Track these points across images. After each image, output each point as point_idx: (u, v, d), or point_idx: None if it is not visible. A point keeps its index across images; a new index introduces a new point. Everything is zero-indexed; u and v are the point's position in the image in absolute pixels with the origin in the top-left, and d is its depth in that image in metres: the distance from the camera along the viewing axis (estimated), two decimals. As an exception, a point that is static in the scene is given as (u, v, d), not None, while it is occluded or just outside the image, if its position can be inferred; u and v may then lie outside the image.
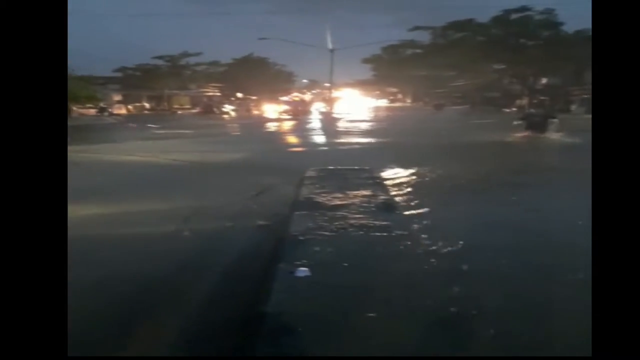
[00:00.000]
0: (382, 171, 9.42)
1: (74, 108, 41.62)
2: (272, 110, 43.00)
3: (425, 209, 6.37)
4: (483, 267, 4.02)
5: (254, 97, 58.38)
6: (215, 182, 9.63)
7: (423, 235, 4.90)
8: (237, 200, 7.32)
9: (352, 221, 5.19)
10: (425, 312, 3.07)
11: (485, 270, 3.97)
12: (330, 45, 47.55)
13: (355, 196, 6.51)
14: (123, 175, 10.87)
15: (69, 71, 36.89)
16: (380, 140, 18.42)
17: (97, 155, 14.06)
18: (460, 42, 44.78)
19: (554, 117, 18.35)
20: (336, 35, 74.57)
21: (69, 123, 19.79)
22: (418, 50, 52.60)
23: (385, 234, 4.74)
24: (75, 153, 12.64)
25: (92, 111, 44.42)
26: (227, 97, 59.87)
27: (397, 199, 6.97)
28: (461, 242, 4.66)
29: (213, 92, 63.04)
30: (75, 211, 6.05)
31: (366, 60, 62.50)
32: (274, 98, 51.38)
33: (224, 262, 4.64)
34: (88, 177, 9.95)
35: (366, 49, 62.45)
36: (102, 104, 46.24)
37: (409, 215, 5.94)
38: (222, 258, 4.76)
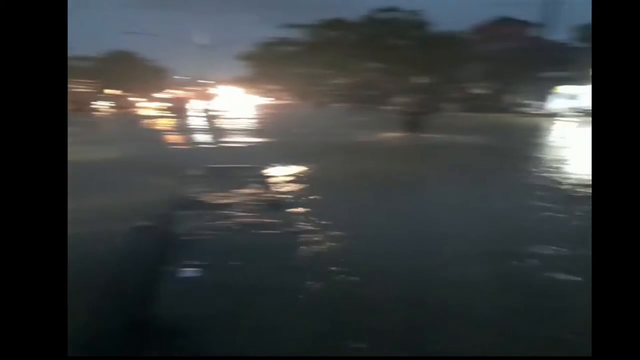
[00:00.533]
0: (263, 169, 9.23)
1: None
2: (146, 107, 42.12)
3: (309, 208, 6.30)
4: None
5: (126, 94, 55.54)
6: (96, 180, 8.98)
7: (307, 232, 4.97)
8: (120, 201, 6.93)
9: (238, 220, 5.22)
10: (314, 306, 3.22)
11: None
12: (199, 41, 46.57)
13: (241, 194, 6.52)
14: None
15: None
16: (261, 139, 17.83)
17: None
18: (333, 41, 44.88)
19: (427, 115, 18.81)
20: (206, 32, 71.88)
21: None
22: (292, 48, 51.83)
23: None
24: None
25: None
26: (97, 94, 55.67)
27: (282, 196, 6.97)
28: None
29: (83, 88, 58.11)
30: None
31: (239, 57, 60.30)
32: (147, 95, 49.91)
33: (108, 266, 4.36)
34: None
35: (240, 46, 60.84)
36: None
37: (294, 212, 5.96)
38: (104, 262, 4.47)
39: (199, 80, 65.69)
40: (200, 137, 19.18)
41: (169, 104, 42.45)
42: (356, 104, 43.63)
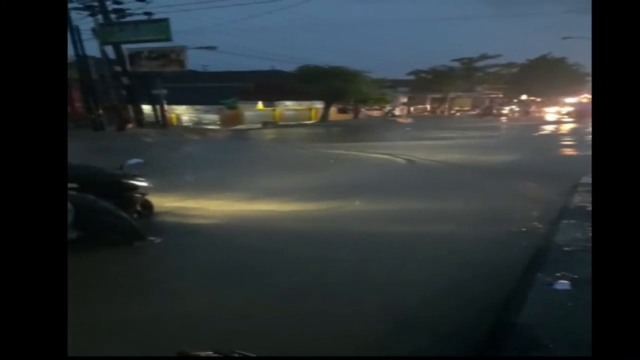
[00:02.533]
0: None
1: (362, 109, 45.69)
2: (554, 112, 41.60)
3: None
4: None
5: (538, 99, 57.00)
6: (484, 185, 9.74)
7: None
8: (497, 205, 7.36)
9: None
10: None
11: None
12: None
13: None
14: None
15: (367, 75, 40.84)
16: None
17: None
18: None
19: None
20: None
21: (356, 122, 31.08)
22: None
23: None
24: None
25: (376, 112, 47.55)
26: (509, 99, 59.17)
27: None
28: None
29: (496, 94, 62.79)
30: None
31: None
32: (560, 100, 49.54)
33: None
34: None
35: None
36: (388, 106, 48.59)
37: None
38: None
39: None
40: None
41: (578, 109, 40.54)
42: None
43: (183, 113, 38.48)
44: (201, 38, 40.06)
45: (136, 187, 6.36)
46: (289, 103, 42.21)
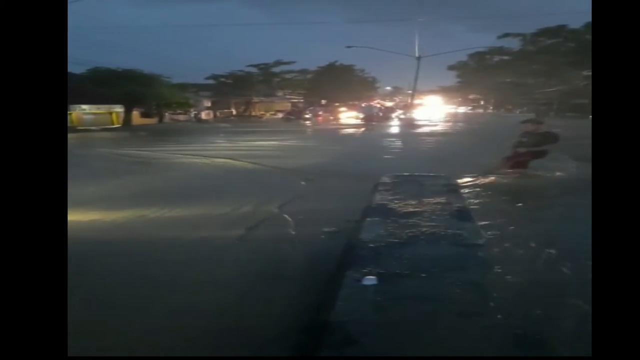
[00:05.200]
0: (458, 179, 8.82)
1: (166, 113, 45.31)
2: (351, 117, 42.92)
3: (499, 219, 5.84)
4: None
5: (336, 104, 57.98)
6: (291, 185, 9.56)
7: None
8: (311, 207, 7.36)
9: (424, 229, 5.07)
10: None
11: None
12: (417, 53, 45.67)
13: (430, 203, 6.36)
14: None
15: (166, 79, 40.98)
16: (463, 147, 17.12)
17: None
18: (550, 49, 43.98)
19: None
20: (421, 42, 73.71)
21: (159, 127, 28.85)
22: (505, 57, 52.23)
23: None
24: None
25: (182, 117, 47.49)
26: (310, 104, 60.54)
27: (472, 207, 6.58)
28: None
29: (297, 98, 64.74)
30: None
31: (452, 67, 61.61)
32: (355, 104, 51.63)
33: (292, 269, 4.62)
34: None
35: (451, 56, 61.33)
36: (192, 110, 48.65)
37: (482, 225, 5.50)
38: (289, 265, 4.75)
39: (406, 91, 66.63)
40: (399, 145, 19.08)
41: (373, 113, 42.55)
42: (564, 112, 41.70)
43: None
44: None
45: None
46: (85, 107, 39.02)
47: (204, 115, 51.66)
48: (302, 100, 65.44)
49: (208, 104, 57.39)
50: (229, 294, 4.03)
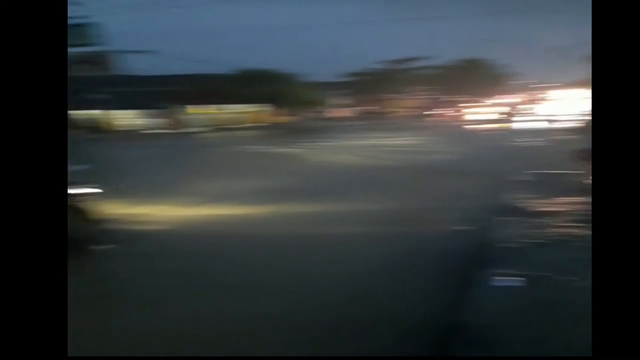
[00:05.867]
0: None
1: (302, 111, 45.63)
2: (486, 113, 41.30)
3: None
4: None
5: (470, 99, 55.26)
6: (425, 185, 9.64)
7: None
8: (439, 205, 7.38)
9: (558, 230, 4.95)
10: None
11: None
12: (557, 45, 45.61)
13: (565, 203, 6.22)
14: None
15: (304, 78, 42.07)
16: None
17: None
18: None
19: None
20: (555, 34, 72.21)
21: (294, 125, 28.57)
22: None
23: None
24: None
25: (316, 114, 47.79)
26: (443, 100, 57.96)
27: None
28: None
29: (434, 95, 61.88)
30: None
31: (584, 59, 59.38)
32: (489, 100, 49.29)
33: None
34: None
35: (586, 48, 59.74)
36: (325, 108, 49.85)
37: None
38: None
39: (541, 84, 60.70)
40: (531, 142, 18.43)
41: (506, 108, 40.99)
42: None
43: (125, 117, 37.48)
44: (140, 42, 39.11)
45: (83, 195, 6.27)
46: (231, 106, 41.98)
47: (337, 112, 52.45)
48: (436, 97, 63.45)
49: (342, 102, 58.38)
50: (361, 289, 4.07)
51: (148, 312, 3.89)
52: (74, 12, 28.79)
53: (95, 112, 31.55)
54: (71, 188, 6.13)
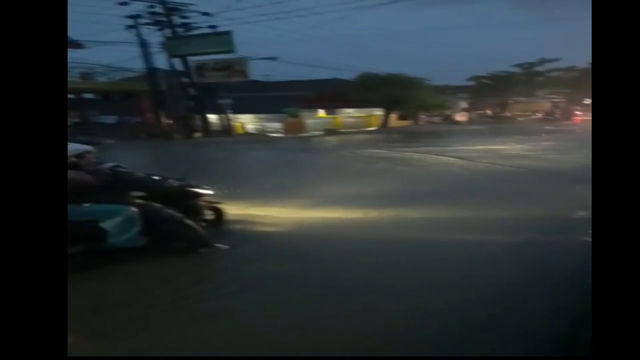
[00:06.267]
0: None
1: (422, 115, 46.56)
2: None
3: None
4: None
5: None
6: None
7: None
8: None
9: None
10: None
11: None
12: None
13: None
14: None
15: (426, 82, 41.84)
16: None
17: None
18: None
19: None
20: None
21: (416, 129, 29.50)
22: None
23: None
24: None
25: (437, 119, 48.22)
26: (573, 103, 56.78)
27: None
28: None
29: (559, 98, 61.28)
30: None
31: None
32: None
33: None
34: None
35: None
36: (447, 112, 49.23)
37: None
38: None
39: None
40: None
41: None
42: None
43: (247, 122, 39.42)
44: (263, 49, 41.14)
45: (199, 195, 6.37)
46: (349, 110, 42.37)
47: (458, 117, 51.08)
48: (563, 100, 58.82)
49: (464, 105, 56.45)
50: (487, 296, 4.05)
51: (269, 313, 3.87)
52: (206, 22, 31.39)
53: (224, 116, 33.51)
54: (190, 189, 6.27)
